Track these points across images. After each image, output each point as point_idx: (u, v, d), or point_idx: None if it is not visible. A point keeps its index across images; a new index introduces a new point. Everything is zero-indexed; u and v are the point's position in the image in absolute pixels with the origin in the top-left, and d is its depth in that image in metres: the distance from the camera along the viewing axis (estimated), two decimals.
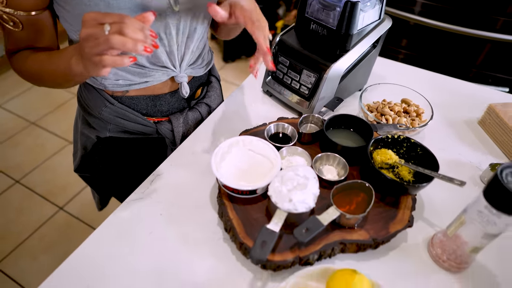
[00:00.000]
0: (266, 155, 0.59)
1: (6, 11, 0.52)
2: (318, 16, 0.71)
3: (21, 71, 0.60)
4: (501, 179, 0.42)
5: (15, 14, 0.53)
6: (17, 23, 0.54)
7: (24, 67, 0.58)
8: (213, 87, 0.81)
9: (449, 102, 0.85)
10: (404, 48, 1.65)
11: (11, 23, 0.54)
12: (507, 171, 0.42)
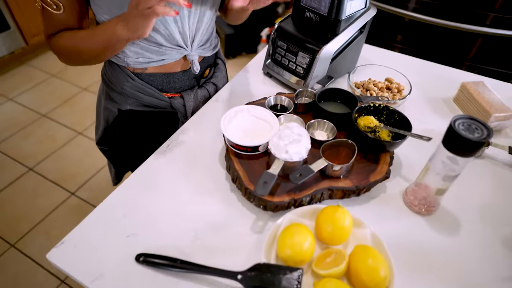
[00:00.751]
0: (267, 120, 0.70)
1: None
2: (311, 4, 0.82)
3: (62, 49, 0.69)
4: (455, 126, 0.52)
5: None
6: (59, 6, 0.64)
7: (65, 44, 0.68)
8: (219, 69, 0.92)
9: (428, 83, 0.95)
10: (400, 43, 1.76)
11: (54, 6, 0.64)
12: (459, 121, 0.53)
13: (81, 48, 0.68)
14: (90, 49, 0.67)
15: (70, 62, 0.73)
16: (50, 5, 0.64)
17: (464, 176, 0.69)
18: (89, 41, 0.66)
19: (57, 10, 0.65)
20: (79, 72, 2.59)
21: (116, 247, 0.57)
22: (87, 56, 0.69)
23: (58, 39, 0.69)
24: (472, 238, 0.62)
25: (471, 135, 0.51)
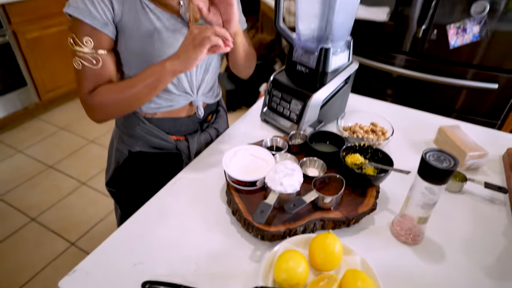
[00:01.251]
0: (264, 158, 0.78)
1: (89, 51, 0.72)
2: (301, 60, 0.95)
3: (102, 104, 0.76)
4: (426, 158, 0.60)
5: (97, 53, 0.73)
6: (98, 61, 0.74)
7: (107, 98, 0.75)
8: (220, 115, 1.02)
9: (409, 127, 1.05)
10: (390, 96, 1.91)
11: (94, 61, 0.73)
12: (430, 153, 0.61)
13: (125, 96, 0.74)
14: (135, 95, 0.74)
15: (107, 116, 0.79)
16: (89, 61, 0.73)
17: (446, 209, 0.76)
18: (135, 87, 0.74)
19: (95, 66, 0.74)
20: (87, 125, 2.73)
21: (124, 274, 0.62)
22: (129, 103, 0.76)
23: (100, 94, 0.75)
24: (457, 267, 0.66)
25: (440, 164, 0.58)
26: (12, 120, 2.67)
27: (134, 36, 0.75)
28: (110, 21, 0.73)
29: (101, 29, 0.72)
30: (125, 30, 0.74)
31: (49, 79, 2.79)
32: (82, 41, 0.72)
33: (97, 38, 0.73)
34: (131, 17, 0.73)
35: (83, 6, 0.70)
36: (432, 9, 1.58)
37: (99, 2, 0.70)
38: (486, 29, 1.52)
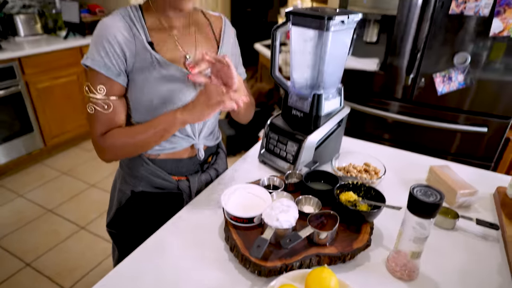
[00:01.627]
0: (261, 196, 0.81)
1: (101, 98, 0.79)
2: (296, 105, 1.02)
3: (114, 146, 0.81)
4: (413, 193, 0.63)
5: (109, 99, 0.80)
6: (109, 106, 0.80)
7: (119, 140, 0.81)
8: (220, 157, 1.07)
9: (402, 167, 1.09)
10: (387, 140, 1.98)
11: (105, 106, 0.80)
12: (417, 188, 0.64)
13: (136, 141, 0.81)
14: (145, 140, 0.81)
15: (117, 157, 0.85)
16: (101, 106, 0.80)
17: (440, 246, 0.78)
18: (146, 133, 0.80)
19: (106, 110, 0.81)
20: (89, 169, 2.77)
21: None
22: (139, 147, 0.82)
23: (112, 139, 0.81)
24: None
25: (427, 199, 0.62)
26: (15, 165, 2.72)
27: (144, 85, 0.82)
28: (122, 71, 0.80)
29: (114, 78, 0.79)
30: (136, 79, 0.82)
31: (55, 125, 2.89)
32: (96, 88, 0.79)
33: (109, 86, 0.80)
34: (142, 69, 0.81)
35: (99, 58, 0.78)
36: (418, 60, 1.70)
37: (113, 54, 0.78)
38: (470, 78, 1.63)
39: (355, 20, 0.94)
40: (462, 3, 1.52)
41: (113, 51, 0.78)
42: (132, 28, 0.80)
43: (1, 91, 2.45)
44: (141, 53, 0.80)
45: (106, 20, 0.79)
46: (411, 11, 1.66)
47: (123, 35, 0.78)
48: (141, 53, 0.80)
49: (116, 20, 0.79)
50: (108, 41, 0.77)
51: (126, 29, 0.79)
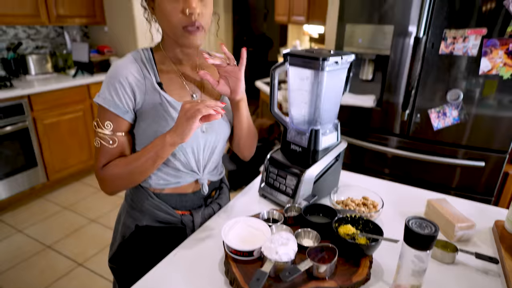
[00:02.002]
0: (261, 229, 0.82)
1: (108, 133, 0.83)
2: (295, 140, 1.05)
3: (113, 176, 0.84)
4: (409, 225, 0.65)
5: (115, 135, 0.84)
6: (114, 141, 0.85)
7: (118, 170, 0.84)
8: (223, 192, 1.09)
9: (400, 201, 1.11)
10: (387, 174, 2.00)
11: (110, 141, 0.84)
12: (412, 221, 0.66)
13: (131, 168, 0.83)
14: (139, 167, 0.83)
15: (116, 187, 0.87)
16: (107, 141, 0.85)
17: (441, 280, 0.79)
18: (139, 160, 0.83)
19: (111, 145, 0.85)
20: (90, 204, 2.77)
21: None
22: (135, 175, 0.84)
23: (110, 168, 0.85)
24: None
25: (422, 231, 0.63)
26: (17, 199, 2.73)
27: (151, 122, 0.86)
28: (130, 109, 0.85)
29: (122, 115, 0.84)
30: (143, 116, 0.87)
31: (59, 160, 2.93)
32: (104, 124, 0.84)
33: (116, 123, 0.85)
34: (150, 107, 0.86)
35: (110, 97, 0.83)
36: (413, 96, 1.76)
37: (123, 94, 0.83)
38: (464, 113, 1.68)
39: (348, 61, 1.00)
40: (451, 44, 1.60)
41: (124, 91, 0.83)
42: (143, 70, 0.86)
43: (9, 127, 2.52)
44: (150, 92, 0.86)
45: (119, 62, 0.85)
46: (403, 51, 1.75)
47: (134, 76, 0.84)
48: (150, 93, 0.86)
49: (128, 62, 0.85)
50: (119, 82, 0.83)
51: (137, 70, 0.85)
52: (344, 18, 1.90)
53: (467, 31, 1.56)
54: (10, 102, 2.51)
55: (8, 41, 3.02)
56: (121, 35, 3.46)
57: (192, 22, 0.80)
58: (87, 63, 3.14)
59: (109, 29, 3.53)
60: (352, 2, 1.86)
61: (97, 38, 3.66)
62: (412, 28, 1.70)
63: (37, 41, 3.24)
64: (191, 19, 0.80)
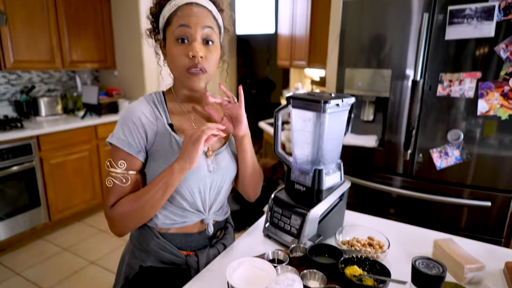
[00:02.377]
0: (266, 270, 0.81)
1: (121, 172, 0.86)
2: (298, 179, 1.07)
3: (122, 214, 0.85)
4: (415, 265, 0.64)
5: (128, 173, 0.87)
6: (127, 180, 0.87)
7: (126, 207, 0.85)
8: (228, 232, 1.09)
9: (406, 241, 1.09)
10: (392, 214, 1.98)
11: (123, 180, 0.86)
12: (419, 261, 0.65)
13: (140, 203, 0.84)
14: (149, 200, 0.84)
15: (125, 227, 0.87)
16: (120, 180, 0.86)
17: None
18: (149, 192, 0.84)
19: (124, 184, 0.87)
20: (91, 245, 2.72)
21: None
22: (145, 210, 0.85)
23: (120, 206, 0.86)
24: None
25: (429, 271, 0.62)
26: (17, 240, 2.69)
27: (161, 162, 0.89)
28: (143, 148, 0.89)
29: (135, 155, 0.88)
30: (154, 156, 0.90)
31: (62, 200, 2.93)
32: (117, 164, 0.87)
33: (129, 162, 0.87)
34: (161, 147, 0.89)
35: (123, 137, 0.87)
36: (414, 136, 1.79)
37: (136, 134, 0.87)
38: (466, 153, 1.69)
39: (349, 103, 1.04)
40: (448, 86, 1.66)
41: (136, 131, 0.87)
42: (155, 111, 0.90)
43: (15, 167, 2.56)
44: (161, 133, 0.90)
45: (133, 104, 0.90)
46: (402, 93, 1.81)
47: (146, 117, 0.88)
48: (161, 133, 0.90)
49: (142, 105, 0.90)
50: (132, 122, 0.87)
51: (150, 112, 0.90)
52: (344, 63, 1.99)
53: (462, 74, 1.63)
54: (19, 142, 2.57)
55: (22, 85, 3.16)
56: (130, 79, 3.61)
57: (195, 65, 0.86)
58: (95, 105, 3.25)
59: (118, 73, 3.69)
60: (351, 48, 1.96)
61: (106, 81, 3.81)
62: (410, 71, 1.77)
63: (49, 85, 3.39)
64: (194, 61, 0.86)
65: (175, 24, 0.86)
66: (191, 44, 0.86)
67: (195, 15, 0.86)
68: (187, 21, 0.85)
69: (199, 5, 0.88)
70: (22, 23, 2.75)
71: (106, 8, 3.42)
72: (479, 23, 1.55)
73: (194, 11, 0.86)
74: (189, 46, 0.86)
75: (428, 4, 1.66)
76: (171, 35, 0.87)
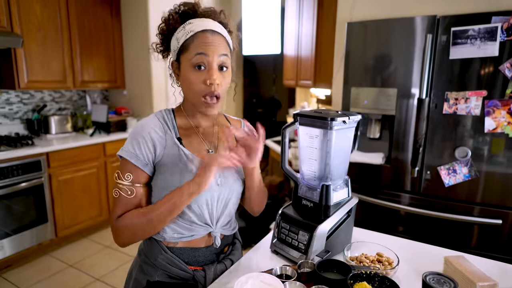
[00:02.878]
0: (274, 285, 0.80)
1: (128, 184, 0.88)
2: (306, 195, 1.07)
3: (127, 227, 0.88)
4: (426, 281, 0.64)
5: (133, 186, 0.89)
6: (132, 192, 0.89)
7: (133, 220, 0.88)
8: (236, 248, 1.09)
9: (416, 258, 1.08)
10: (401, 232, 1.95)
11: (129, 192, 0.89)
12: (429, 276, 0.65)
13: (147, 218, 0.87)
14: (156, 217, 0.87)
15: (129, 239, 0.89)
16: (126, 192, 0.89)
17: None
18: (156, 210, 0.87)
19: (129, 196, 0.89)
20: (96, 261, 2.70)
21: None
22: (151, 225, 0.88)
23: (126, 218, 0.88)
24: None
25: (440, 287, 0.62)
26: (23, 256, 2.69)
27: (168, 175, 0.91)
28: (150, 162, 0.91)
29: (142, 167, 0.90)
30: (162, 169, 0.92)
31: (69, 217, 2.94)
32: (124, 176, 0.89)
33: (136, 174, 0.90)
34: (169, 160, 0.92)
35: (132, 150, 0.89)
36: (421, 153, 1.79)
37: (144, 148, 0.90)
38: (474, 170, 1.69)
39: (355, 120, 1.05)
40: (454, 104, 1.68)
41: (145, 145, 0.89)
42: (164, 126, 0.93)
43: (24, 183, 2.59)
44: (170, 147, 0.92)
45: (143, 121, 0.93)
46: (408, 111, 1.83)
47: (156, 132, 0.91)
48: (170, 147, 0.92)
49: (152, 120, 0.93)
50: (142, 137, 0.90)
51: (159, 127, 0.92)
52: (349, 82, 2.03)
53: (468, 92, 1.64)
54: (29, 159, 2.61)
55: (34, 104, 3.24)
56: (138, 98, 3.69)
57: (211, 92, 0.89)
58: (105, 123, 3.31)
59: (127, 92, 3.77)
60: (356, 68, 2.00)
61: (116, 100, 3.89)
62: (415, 90, 1.79)
63: (60, 103, 3.47)
64: (211, 89, 0.88)
65: (192, 51, 0.89)
66: (208, 72, 0.88)
67: (212, 44, 0.89)
68: (205, 50, 0.88)
69: (215, 32, 0.90)
70: (37, 45, 2.86)
71: (117, 29, 3.54)
72: (482, 44, 1.58)
73: (211, 39, 0.89)
74: (206, 73, 0.89)
75: (431, 26, 1.70)
76: (188, 62, 0.90)
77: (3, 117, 3.02)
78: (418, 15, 1.78)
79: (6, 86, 2.86)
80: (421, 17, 1.73)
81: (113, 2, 3.46)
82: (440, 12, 1.73)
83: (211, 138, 1.00)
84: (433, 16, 1.70)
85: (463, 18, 1.62)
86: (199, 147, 0.97)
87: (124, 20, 3.57)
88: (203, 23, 0.90)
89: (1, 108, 3.00)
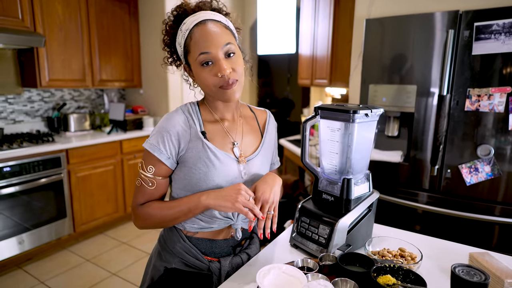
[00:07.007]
0: (296, 276, 0.80)
1: (150, 176, 0.91)
2: (327, 189, 1.06)
3: (147, 216, 0.92)
4: (456, 272, 0.62)
5: (155, 178, 0.91)
6: (153, 184, 0.92)
7: (153, 212, 0.92)
8: (253, 242, 1.08)
9: (439, 254, 1.05)
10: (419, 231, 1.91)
11: (150, 183, 0.91)
12: (459, 268, 0.64)
13: (163, 214, 0.92)
14: (170, 215, 0.91)
15: (147, 225, 0.95)
16: (147, 182, 0.92)
17: None
18: (172, 209, 0.91)
19: (150, 187, 0.93)
20: (113, 257, 2.75)
21: None
22: (166, 220, 0.92)
23: (146, 208, 0.93)
24: None
25: (471, 279, 0.61)
26: (43, 250, 2.75)
27: (191, 167, 0.92)
28: (173, 156, 0.92)
29: (164, 161, 0.91)
30: (185, 162, 0.93)
31: (86, 212, 3.00)
32: (147, 167, 0.91)
33: (158, 167, 0.92)
34: (193, 153, 0.92)
35: (156, 144, 0.91)
36: (441, 151, 1.76)
37: (168, 142, 0.91)
38: (497, 168, 1.64)
39: (377, 114, 1.04)
40: (476, 101, 1.64)
41: (170, 139, 0.90)
42: (189, 120, 0.94)
43: (44, 179, 2.65)
44: (194, 140, 0.93)
45: (169, 115, 0.94)
46: (428, 108, 1.80)
47: (181, 126, 0.92)
48: (194, 140, 0.93)
49: (177, 114, 0.94)
50: (167, 131, 0.91)
51: (184, 121, 0.93)
52: (367, 80, 2.00)
53: (491, 89, 1.60)
54: (50, 155, 2.68)
55: (54, 102, 3.32)
56: (154, 97, 3.73)
57: (226, 82, 0.88)
58: (121, 121, 3.36)
59: (144, 91, 3.82)
60: (374, 65, 1.97)
61: (132, 99, 3.95)
62: (435, 87, 1.76)
63: (79, 102, 3.54)
64: (224, 79, 0.88)
65: (195, 51, 0.88)
66: (216, 65, 0.88)
67: (210, 38, 0.86)
68: (206, 48, 0.86)
69: (209, 21, 0.88)
70: (58, 45, 2.93)
71: (134, 29, 3.60)
72: (507, 39, 1.54)
73: (207, 32, 0.87)
74: (215, 67, 0.88)
75: (453, 21, 1.67)
76: (195, 62, 0.90)
77: (25, 115, 3.10)
78: (438, 10, 1.75)
79: (28, 85, 2.94)
80: (442, 13, 1.70)
81: (131, 2, 3.51)
82: (463, 7, 1.69)
83: (235, 131, 1.01)
84: (455, 11, 1.66)
85: (486, 12, 1.58)
86: (223, 140, 0.97)
87: (141, 19, 3.62)
88: (196, 17, 0.88)
89: (23, 106, 3.09)
